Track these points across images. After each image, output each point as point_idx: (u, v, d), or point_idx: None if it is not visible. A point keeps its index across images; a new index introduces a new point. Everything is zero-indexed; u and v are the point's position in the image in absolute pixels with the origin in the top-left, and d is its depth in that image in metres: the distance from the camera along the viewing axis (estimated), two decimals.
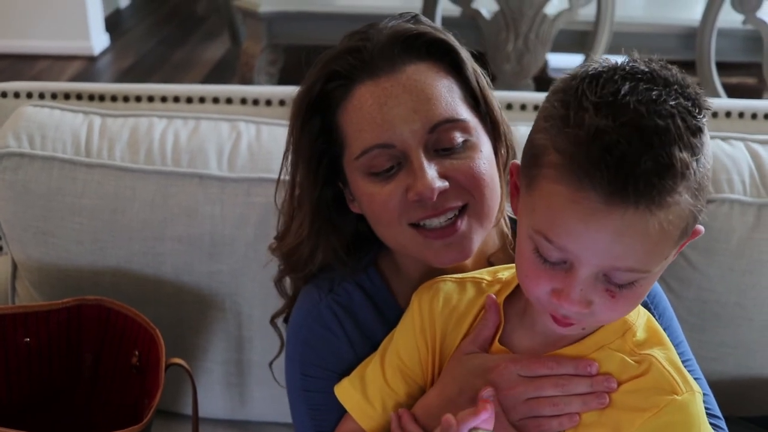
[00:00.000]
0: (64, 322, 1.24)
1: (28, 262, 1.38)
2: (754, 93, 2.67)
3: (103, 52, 5.09)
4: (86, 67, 4.87)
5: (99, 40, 5.07)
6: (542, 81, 2.58)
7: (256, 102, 1.52)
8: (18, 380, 1.24)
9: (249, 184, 1.32)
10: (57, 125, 1.39)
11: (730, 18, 2.50)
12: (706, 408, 0.95)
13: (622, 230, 0.74)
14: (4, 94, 1.54)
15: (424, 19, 1.02)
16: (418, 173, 0.92)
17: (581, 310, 0.79)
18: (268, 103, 1.52)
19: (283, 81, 2.68)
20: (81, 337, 1.26)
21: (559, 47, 2.52)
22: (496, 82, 2.48)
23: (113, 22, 5.49)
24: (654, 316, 0.94)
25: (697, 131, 0.74)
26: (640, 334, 0.87)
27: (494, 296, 0.94)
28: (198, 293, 1.35)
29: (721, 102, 1.57)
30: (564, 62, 2.92)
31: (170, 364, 1.17)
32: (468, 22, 2.43)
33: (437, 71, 0.96)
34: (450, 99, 0.95)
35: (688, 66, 2.67)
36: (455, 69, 0.97)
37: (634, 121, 0.72)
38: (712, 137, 1.35)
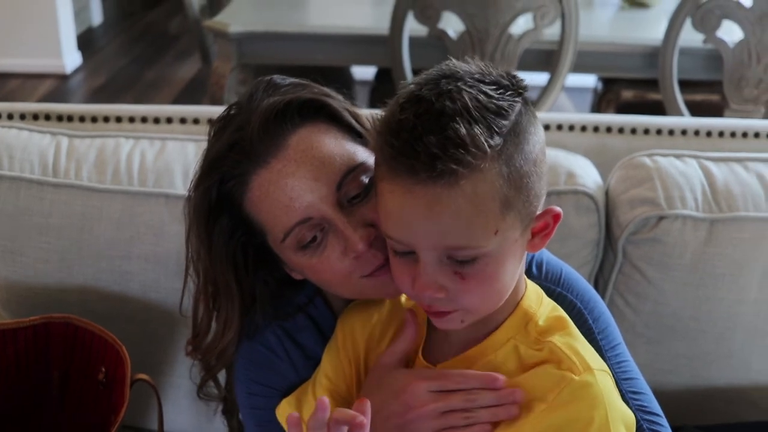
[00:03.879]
0: (32, 339, 1.26)
1: None
2: (717, 110, 2.71)
3: (76, 71, 5.10)
4: (58, 85, 4.88)
5: (71, 59, 5.09)
6: None
7: None
8: None
9: None
10: (24, 146, 1.41)
11: (691, 37, 2.55)
12: (643, 406, 1.00)
13: (431, 205, 0.79)
14: None
15: (278, 79, 1.01)
16: (345, 234, 0.93)
17: (436, 295, 0.84)
18: None
19: None
20: (48, 354, 1.27)
21: (524, 66, 2.55)
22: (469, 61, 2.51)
23: (85, 40, 5.50)
24: (588, 321, 0.99)
25: (499, 110, 0.80)
26: (543, 323, 0.90)
27: (414, 310, 0.97)
28: (165, 310, 1.37)
29: (677, 120, 1.61)
30: (532, 80, 2.97)
31: (136, 380, 1.19)
32: (435, 41, 2.47)
33: (318, 130, 0.96)
34: (341, 150, 0.95)
35: (652, 84, 2.72)
36: (331, 117, 0.98)
37: (427, 108, 0.79)
38: (665, 155, 1.42)
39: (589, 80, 3.77)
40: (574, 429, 0.84)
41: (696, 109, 2.71)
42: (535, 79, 2.75)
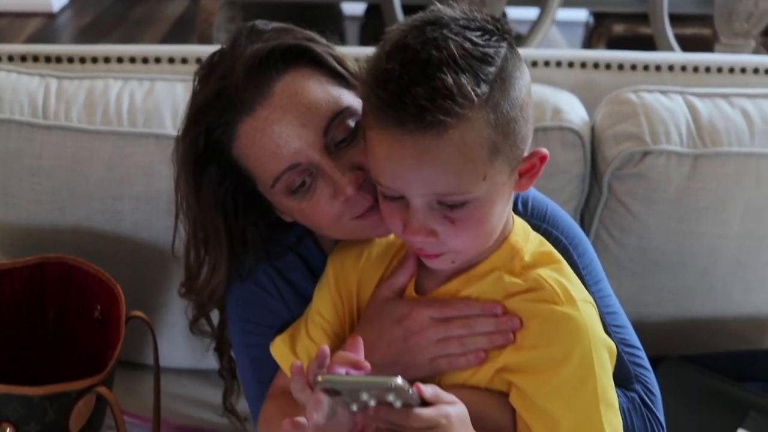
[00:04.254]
0: (27, 279, 1.28)
1: None
2: (708, 44, 2.70)
3: (62, 9, 5.03)
4: (45, 24, 4.82)
5: None
6: None
7: None
8: None
9: None
10: (13, 88, 1.41)
11: None
12: (624, 339, 1.03)
13: (420, 155, 0.81)
14: None
15: (260, 25, 1.01)
16: (334, 178, 0.94)
17: (427, 239, 0.86)
18: None
19: None
20: (44, 293, 1.29)
21: (515, 1, 2.54)
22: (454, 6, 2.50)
23: None
24: (573, 257, 1.03)
25: (485, 57, 0.81)
26: (528, 258, 0.93)
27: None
28: (157, 249, 1.39)
29: (664, 56, 1.63)
30: (522, 15, 2.96)
31: (131, 317, 1.21)
32: None
33: (302, 75, 0.96)
34: (326, 95, 0.95)
35: (643, 18, 2.71)
36: (315, 62, 0.98)
37: (412, 57, 0.80)
38: (650, 90, 1.43)
39: (580, 14, 3.74)
40: (556, 357, 0.87)
41: (687, 44, 2.70)
42: (525, 14, 2.75)
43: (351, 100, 0.97)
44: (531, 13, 2.59)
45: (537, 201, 1.08)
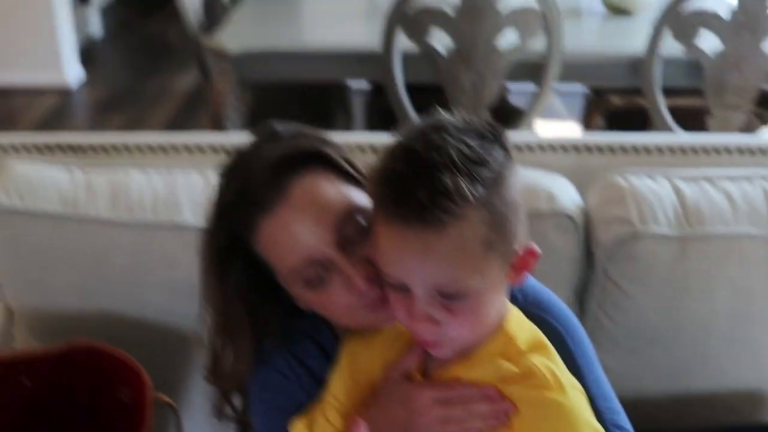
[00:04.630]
0: (57, 364, 1.36)
1: (22, 309, 1.51)
2: (701, 114, 2.79)
3: (78, 85, 5.19)
4: (62, 100, 4.96)
5: (73, 72, 5.17)
6: (501, 110, 2.73)
7: (226, 150, 1.65)
8: (20, 421, 1.36)
9: None
10: (42, 180, 1.50)
11: (674, 47, 2.65)
12: (616, 423, 1.10)
13: (422, 249, 0.90)
14: None
15: (278, 127, 1.11)
16: (347, 273, 1.03)
17: (429, 327, 0.95)
18: None
19: (252, 119, 2.80)
20: (73, 377, 1.37)
21: (513, 77, 2.65)
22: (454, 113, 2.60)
23: (86, 53, 5.58)
24: (568, 343, 1.11)
25: (481, 161, 0.90)
26: (522, 345, 1.00)
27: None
28: (181, 334, 1.47)
29: (651, 138, 1.71)
30: (523, 89, 3.06)
31: (157, 401, 1.29)
32: (425, 57, 2.57)
33: (316, 177, 1.06)
34: (338, 195, 1.06)
35: (639, 90, 2.81)
36: (329, 164, 1.08)
37: (416, 160, 0.90)
38: (638, 175, 1.52)
39: (579, 86, 3.85)
40: None
41: (681, 115, 2.80)
42: (525, 87, 2.86)
43: (361, 198, 1.06)
44: (530, 86, 2.71)
45: (533, 289, 1.17)
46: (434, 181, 0.88)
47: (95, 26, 6.20)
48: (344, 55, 2.74)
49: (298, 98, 3.24)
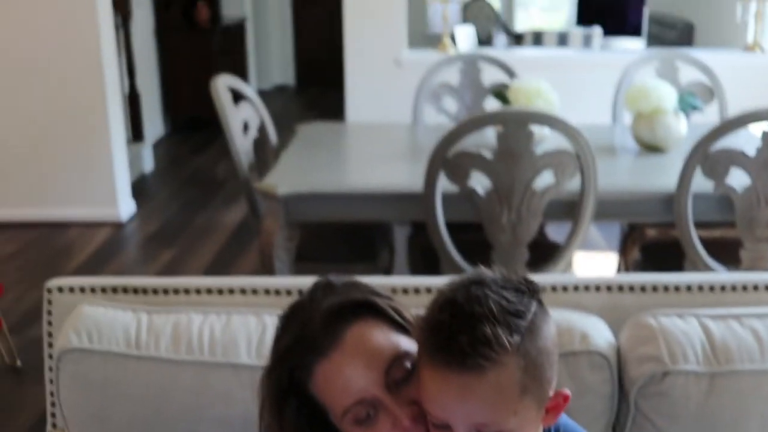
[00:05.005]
0: None
1: None
2: (734, 245, 2.86)
3: (130, 219, 5.42)
4: (114, 232, 5.19)
5: (126, 207, 5.42)
6: (539, 246, 2.83)
7: (277, 292, 1.77)
8: None
9: None
10: (111, 322, 1.63)
11: (705, 183, 2.76)
12: None
13: (462, 391, 1.01)
14: (60, 290, 1.79)
15: (333, 279, 1.24)
16: (394, 413, 1.13)
17: None
18: (288, 293, 1.76)
19: (300, 255, 2.94)
20: None
21: (549, 216, 2.77)
22: (493, 251, 2.72)
23: (138, 188, 5.85)
24: None
25: (518, 313, 1.03)
26: None
27: None
28: None
29: (680, 277, 1.79)
30: (559, 229, 3.17)
31: None
32: (465, 197, 2.70)
33: (368, 324, 1.17)
34: (387, 341, 1.17)
35: (671, 225, 2.90)
36: (378, 312, 1.20)
37: (459, 311, 1.02)
38: (668, 314, 1.61)
39: None
40: None
41: (714, 246, 2.89)
42: (562, 223, 2.97)
43: (408, 344, 1.17)
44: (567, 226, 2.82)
45: (565, 427, 1.25)
46: (475, 330, 1.00)
47: (147, 161, 6.50)
48: (386, 196, 2.90)
49: (343, 234, 3.38)
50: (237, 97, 3.39)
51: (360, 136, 4.06)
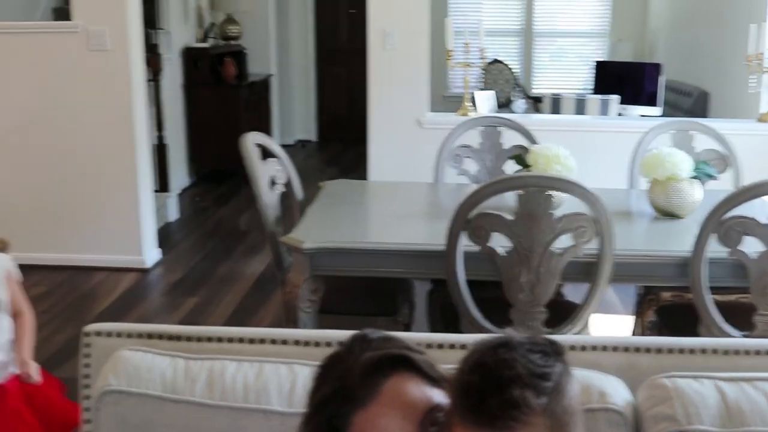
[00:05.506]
0: None
1: None
2: (749, 310, 2.91)
3: (154, 265, 5.52)
4: (139, 278, 5.28)
5: (151, 254, 5.51)
6: (557, 306, 2.90)
7: (306, 343, 1.84)
8: None
9: None
10: (149, 366, 1.71)
11: (719, 249, 2.82)
12: None
13: None
14: (99, 333, 1.87)
15: (371, 333, 1.31)
16: None
17: None
18: (317, 344, 1.84)
19: (322, 308, 3.01)
20: None
21: (567, 277, 2.84)
22: (512, 309, 2.79)
23: (163, 236, 5.96)
24: None
25: (544, 375, 1.10)
26: None
27: None
28: None
29: (695, 341, 1.86)
30: (576, 290, 3.23)
31: None
32: (485, 257, 2.78)
33: (403, 377, 1.24)
34: (421, 394, 1.23)
35: (687, 288, 2.96)
36: (413, 366, 1.26)
37: (489, 374, 1.10)
38: (683, 376, 1.67)
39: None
40: None
41: (728, 310, 2.94)
42: (580, 289, 3.04)
43: (440, 397, 1.24)
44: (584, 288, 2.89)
45: None
46: (504, 393, 1.08)
47: (172, 211, 6.62)
48: (408, 252, 2.98)
49: (365, 288, 3.46)
50: (265, 152, 3.51)
51: (383, 193, 4.17)
